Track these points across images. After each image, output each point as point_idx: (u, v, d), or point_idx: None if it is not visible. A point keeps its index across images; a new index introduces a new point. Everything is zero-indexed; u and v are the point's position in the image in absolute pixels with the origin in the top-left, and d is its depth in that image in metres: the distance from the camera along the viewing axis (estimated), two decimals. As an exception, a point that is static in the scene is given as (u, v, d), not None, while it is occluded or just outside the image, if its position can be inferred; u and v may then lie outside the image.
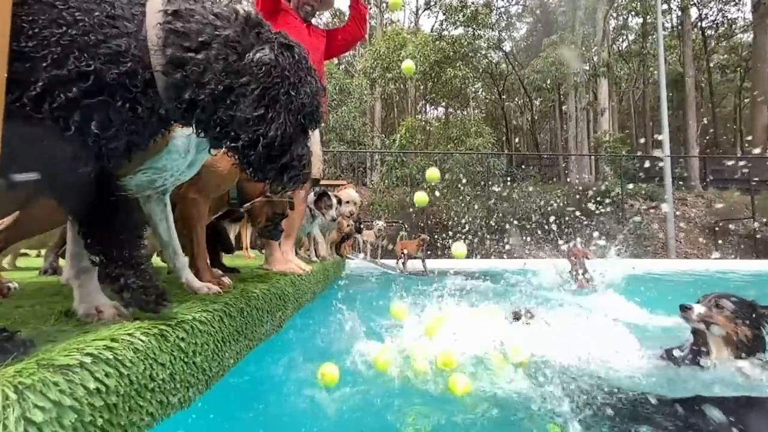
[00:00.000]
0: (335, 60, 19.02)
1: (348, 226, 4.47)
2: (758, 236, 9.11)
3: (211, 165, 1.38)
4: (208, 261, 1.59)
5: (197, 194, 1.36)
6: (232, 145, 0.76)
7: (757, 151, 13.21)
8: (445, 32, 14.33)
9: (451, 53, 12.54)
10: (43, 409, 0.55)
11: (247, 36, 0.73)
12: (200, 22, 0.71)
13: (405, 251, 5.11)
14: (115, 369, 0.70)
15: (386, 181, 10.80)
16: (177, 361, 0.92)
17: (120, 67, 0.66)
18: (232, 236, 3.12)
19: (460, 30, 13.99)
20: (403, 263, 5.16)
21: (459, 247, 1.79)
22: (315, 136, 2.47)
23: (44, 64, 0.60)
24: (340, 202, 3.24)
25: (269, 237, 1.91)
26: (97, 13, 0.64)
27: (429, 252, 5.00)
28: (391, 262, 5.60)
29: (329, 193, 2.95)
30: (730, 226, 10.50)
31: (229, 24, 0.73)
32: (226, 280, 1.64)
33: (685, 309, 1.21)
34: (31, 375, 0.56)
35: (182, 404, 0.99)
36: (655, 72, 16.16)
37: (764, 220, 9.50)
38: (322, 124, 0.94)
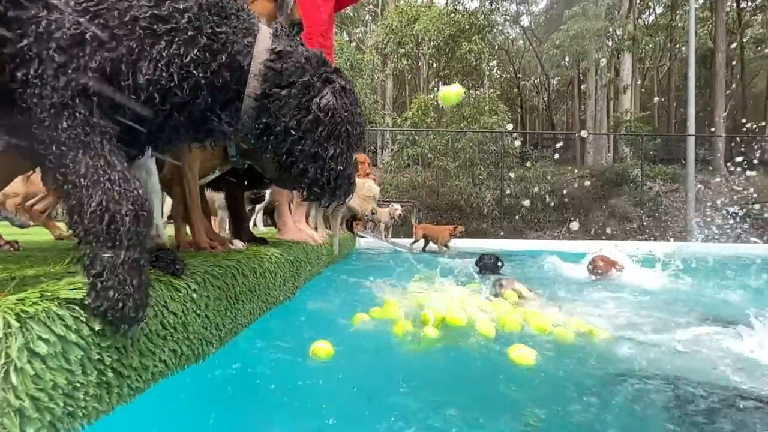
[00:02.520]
0: (346, 36, 18.49)
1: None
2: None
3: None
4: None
5: None
6: (300, 175, 0.88)
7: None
8: (460, 6, 13.70)
9: (467, 26, 11.98)
10: (47, 341, 0.52)
11: (317, 79, 0.84)
12: (294, 65, 0.81)
13: (429, 238, 4.97)
14: (124, 310, 0.66)
15: (398, 160, 10.63)
16: (189, 312, 0.89)
17: (222, 91, 0.77)
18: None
19: (476, 3, 13.35)
20: (424, 248, 5.08)
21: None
22: None
23: (171, 69, 0.68)
24: None
25: (286, 187, 1.80)
26: (224, 55, 0.74)
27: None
28: (402, 240, 5.56)
29: None
30: (755, 208, 10.09)
31: (310, 67, 0.83)
32: (240, 244, 1.61)
33: None
34: (34, 305, 0.52)
35: (197, 357, 0.97)
36: (683, 48, 15.24)
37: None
38: None
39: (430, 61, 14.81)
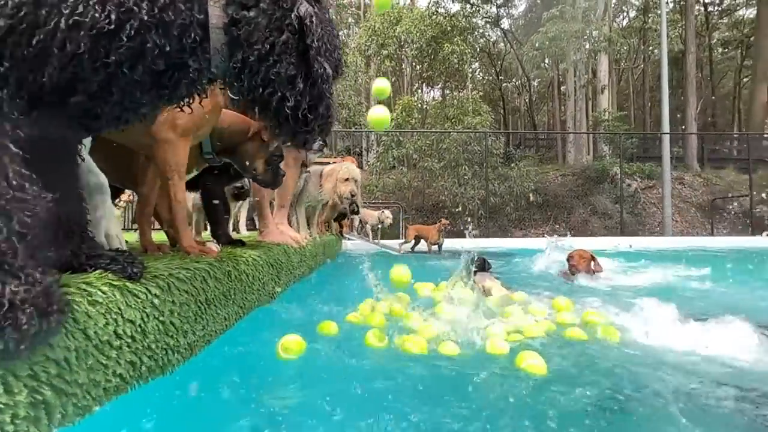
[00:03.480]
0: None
1: (342, 203, 4.34)
2: (757, 212, 9.14)
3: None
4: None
5: (172, 133, 1.20)
6: (278, 106, 0.78)
7: (755, 129, 13.13)
8: (441, 8, 13.84)
9: (448, 28, 12.10)
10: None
11: None
12: None
13: (422, 238, 4.95)
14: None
15: (383, 162, 10.60)
16: (150, 319, 0.81)
17: (180, 31, 0.65)
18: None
19: (457, 6, 13.51)
20: (412, 248, 5.06)
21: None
22: None
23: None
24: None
25: (269, 185, 1.70)
26: None
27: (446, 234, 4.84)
28: (390, 242, 5.52)
29: None
30: (728, 204, 10.52)
31: None
32: (214, 246, 1.53)
33: None
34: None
35: (162, 369, 0.89)
36: (655, 50, 15.81)
37: (763, 196, 9.49)
38: None
39: (413, 63, 14.88)
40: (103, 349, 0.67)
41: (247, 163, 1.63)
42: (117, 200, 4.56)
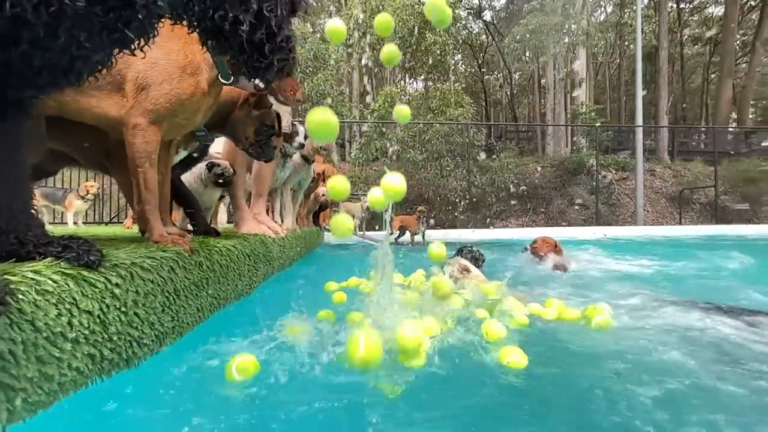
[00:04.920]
0: (310, 27, 17.95)
1: (323, 195, 4.29)
2: (719, 203, 9.64)
3: (164, 81, 1.14)
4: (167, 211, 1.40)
5: (143, 119, 1.14)
6: (229, 27, 0.73)
7: (721, 123, 13.79)
8: (424, -2, 13.70)
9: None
10: None
11: None
12: None
13: (406, 228, 4.98)
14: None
15: (365, 153, 10.52)
16: (110, 310, 0.77)
17: None
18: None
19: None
20: (397, 239, 5.08)
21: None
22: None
23: None
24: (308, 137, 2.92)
25: (261, 156, 1.67)
26: None
27: (430, 222, 4.87)
28: (375, 234, 5.51)
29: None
30: (694, 195, 11.05)
31: None
32: (174, 230, 1.46)
33: None
34: None
35: (127, 362, 0.85)
36: (631, 45, 16.26)
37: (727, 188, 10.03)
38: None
39: (396, 54, 14.71)
40: (56, 341, 0.63)
41: (239, 133, 1.64)
42: (85, 193, 4.32)
